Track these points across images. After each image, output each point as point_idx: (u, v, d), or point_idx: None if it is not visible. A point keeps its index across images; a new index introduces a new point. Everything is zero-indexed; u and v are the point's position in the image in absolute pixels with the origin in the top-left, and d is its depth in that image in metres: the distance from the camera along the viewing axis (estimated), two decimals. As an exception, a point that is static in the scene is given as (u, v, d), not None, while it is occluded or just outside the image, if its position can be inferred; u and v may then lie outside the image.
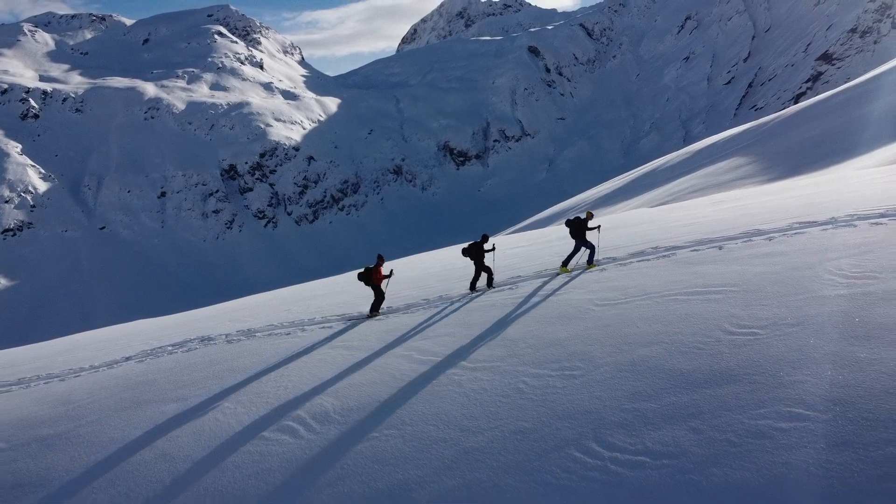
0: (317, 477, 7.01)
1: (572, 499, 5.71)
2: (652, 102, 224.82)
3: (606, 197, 61.32)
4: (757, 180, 38.27)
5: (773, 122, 61.96)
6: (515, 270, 15.21)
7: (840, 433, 5.57)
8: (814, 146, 42.67)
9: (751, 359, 7.23)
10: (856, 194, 14.23)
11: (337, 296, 16.33)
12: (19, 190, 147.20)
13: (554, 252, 16.31)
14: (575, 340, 8.97)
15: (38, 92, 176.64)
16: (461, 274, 16.14)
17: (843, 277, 9.04)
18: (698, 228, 14.82)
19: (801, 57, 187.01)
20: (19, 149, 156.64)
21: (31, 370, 14.35)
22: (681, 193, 42.78)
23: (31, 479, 8.31)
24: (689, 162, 61.11)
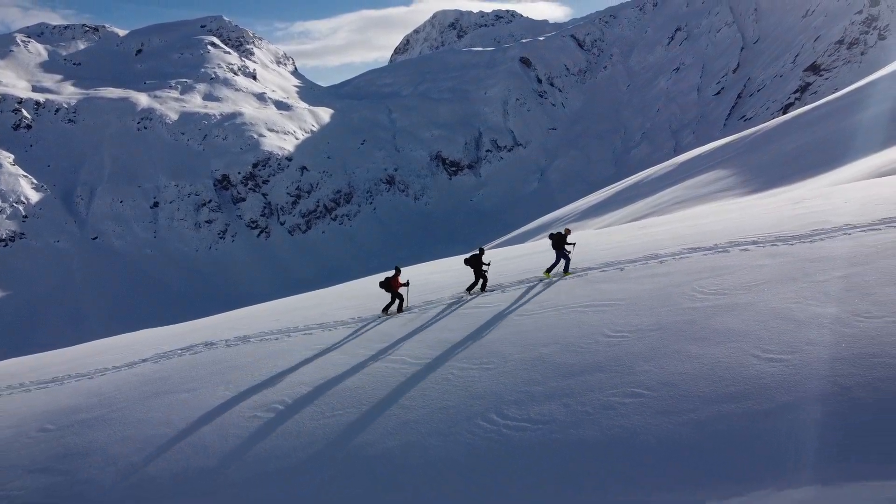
0: (293, 441, 9.48)
1: (475, 452, 8.11)
2: (642, 113, 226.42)
3: (590, 210, 61.93)
4: (735, 192, 38.76)
5: (754, 135, 62.72)
6: (495, 280, 17.28)
7: (663, 406, 7.82)
8: (792, 160, 43.24)
9: (616, 355, 9.53)
10: (744, 223, 16.00)
11: (316, 308, 18.48)
12: (11, 200, 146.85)
13: (522, 268, 18.32)
14: (495, 342, 11.41)
15: (31, 102, 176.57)
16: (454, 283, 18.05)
17: (702, 293, 11.26)
18: (611, 252, 16.95)
19: (790, 68, 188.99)
20: (11, 159, 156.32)
21: (61, 371, 16.39)
22: (662, 206, 43.23)
23: (77, 450, 10.71)
24: (673, 174, 61.81)
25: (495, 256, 21.95)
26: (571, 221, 58.07)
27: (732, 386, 7.67)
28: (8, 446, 11.31)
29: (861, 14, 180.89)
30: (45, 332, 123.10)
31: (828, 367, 7.47)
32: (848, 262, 10.83)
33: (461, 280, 17.41)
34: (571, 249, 15.97)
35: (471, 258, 15.96)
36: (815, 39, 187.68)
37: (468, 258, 16.07)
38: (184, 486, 9.00)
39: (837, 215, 13.80)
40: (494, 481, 7.51)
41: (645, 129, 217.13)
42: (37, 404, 13.52)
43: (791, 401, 7.03)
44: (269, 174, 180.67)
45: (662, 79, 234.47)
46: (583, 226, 51.88)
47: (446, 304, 15.32)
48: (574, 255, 16.60)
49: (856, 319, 8.49)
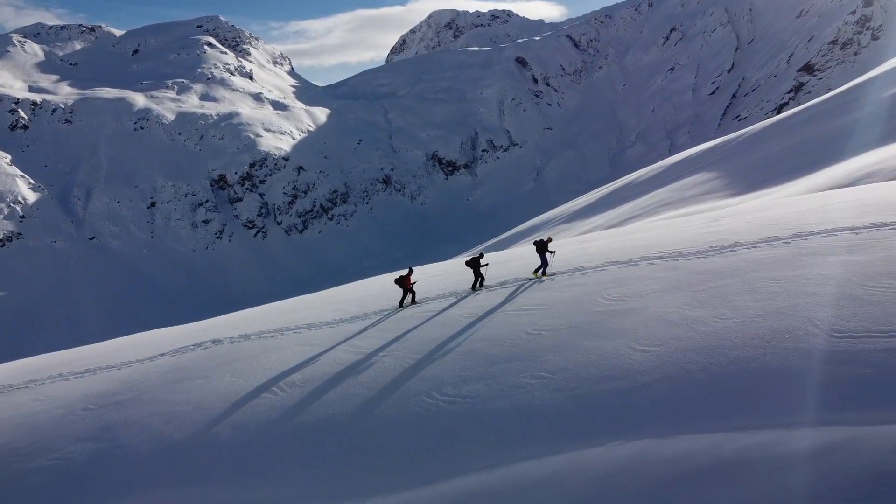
0: (284, 414, 11.92)
1: (421, 419, 10.47)
2: (637, 113, 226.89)
3: (579, 212, 62.52)
4: (719, 195, 39.71)
5: (741, 138, 63.25)
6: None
7: (558, 385, 10.11)
8: (775, 163, 43.94)
9: (531, 348, 11.84)
10: (663, 239, 18.16)
11: (305, 311, 20.77)
12: (8, 201, 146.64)
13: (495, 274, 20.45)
14: (442, 338, 13.78)
15: (28, 103, 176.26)
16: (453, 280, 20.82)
17: (606, 300, 13.42)
18: (552, 265, 18.86)
19: (784, 68, 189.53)
20: (8, 159, 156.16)
21: (92, 364, 18.65)
22: (650, 208, 43.99)
23: (116, 424, 13.11)
24: (661, 176, 62.45)
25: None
26: (561, 223, 58.58)
27: (610, 370, 10.02)
28: (60, 422, 13.84)
29: (854, 14, 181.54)
30: (44, 332, 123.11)
31: (680, 355, 9.82)
32: (724, 274, 13.00)
33: (462, 279, 19.62)
34: (552, 255, 17.92)
35: (471, 261, 17.96)
36: (808, 40, 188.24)
37: (468, 261, 18.07)
38: (200, 449, 11.37)
39: (734, 234, 15.99)
40: (434, 439, 9.92)
41: (640, 129, 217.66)
42: (77, 390, 16.05)
43: (648, 381, 9.42)
44: (265, 174, 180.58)
45: (658, 79, 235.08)
46: (572, 228, 52.42)
47: (452, 300, 17.42)
48: (521, 266, 19.07)
49: (713, 321, 10.75)
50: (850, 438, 7.17)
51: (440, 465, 9.13)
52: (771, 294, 11.04)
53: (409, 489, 8.80)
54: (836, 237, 13.04)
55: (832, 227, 13.79)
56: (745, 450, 7.43)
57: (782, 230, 14.68)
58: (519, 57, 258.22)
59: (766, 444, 7.43)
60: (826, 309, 9.87)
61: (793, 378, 8.43)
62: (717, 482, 7.17)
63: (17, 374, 18.71)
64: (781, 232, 14.56)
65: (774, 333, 9.57)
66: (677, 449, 7.81)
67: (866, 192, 17.35)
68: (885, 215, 13.55)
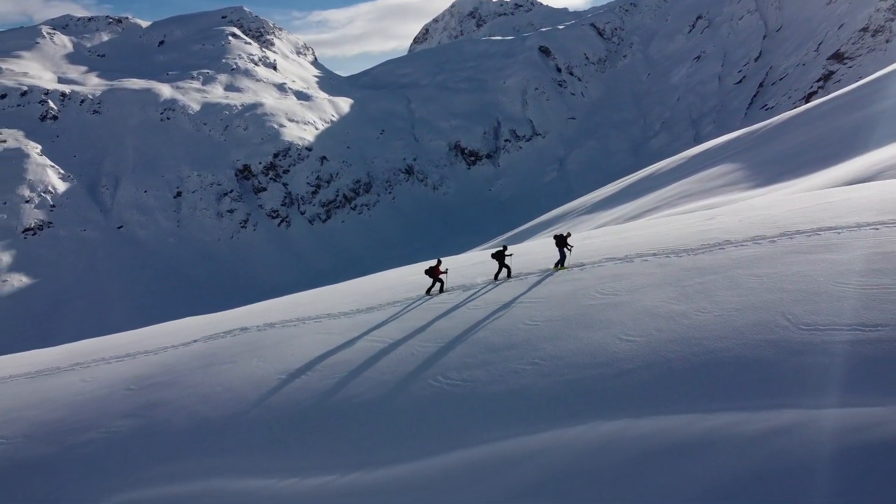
0: (308, 397, 13.05)
1: (427, 400, 11.59)
2: (662, 102, 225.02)
3: (600, 203, 62.85)
4: (740, 187, 39.93)
5: (764, 129, 63.04)
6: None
7: (550, 371, 11.21)
8: (796, 155, 43.99)
9: (528, 337, 12.92)
10: (660, 236, 19.11)
11: (324, 302, 22.04)
12: (39, 190, 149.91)
13: (481, 271, 21.87)
14: (448, 328, 14.88)
15: (57, 94, 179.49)
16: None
17: (600, 294, 14.39)
18: (553, 260, 19.91)
19: (813, 56, 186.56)
20: (39, 149, 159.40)
21: (130, 349, 20.05)
22: (670, 199, 44.28)
23: (155, 403, 14.43)
24: (683, 168, 62.53)
25: (468, 261, 25.56)
26: (582, 214, 59.05)
27: (597, 358, 11.02)
28: (105, 400, 15.27)
29: (886, 1, 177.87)
30: (72, 318, 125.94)
31: (662, 345, 10.76)
32: (710, 271, 13.82)
33: (485, 270, 20.82)
34: (570, 249, 18.79)
35: (496, 253, 19.00)
36: (839, 27, 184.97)
37: (494, 253, 19.18)
38: (229, 424, 12.66)
39: (725, 232, 16.76)
40: (437, 418, 11.00)
41: (664, 119, 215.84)
42: (119, 372, 17.47)
43: (630, 367, 10.41)
44: (289, 164, 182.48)
45: (683, 67, 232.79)
46: (593, 219, 52.90)
47: (475, 289, 18.67)
48: (528, 260, 20.07)
49: (695, 314, 11.66)
50: (805, 420, 8.11)
51: (442, 441, 10.24)
52: (750, 290, 11.90)
53: (415, 460, 9.92)
54: (818, 237, 13.80)
55: (817, 226, 14.55)
56: (711, 429, 8.40)
57: (770, 229, 15.45)
58: (542, 46, 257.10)
59: (731, 424, 8.39)
60: (799, 304, 10.71)
61: (761, 366, 9.32)
62: (684, 457, 8.16)
63: (64, 358, 20.16)
64: (769, 231, 15.35)
65: (748, 326, 10.45)
66: (651, 427, 8.77)
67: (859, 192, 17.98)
68: (867, 215, 14.29)
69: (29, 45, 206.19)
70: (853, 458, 7.35)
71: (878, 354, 8.88)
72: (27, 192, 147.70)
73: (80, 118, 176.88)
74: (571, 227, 52.00)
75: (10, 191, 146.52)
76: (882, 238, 12.64)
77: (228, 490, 10.57)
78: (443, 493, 9.00)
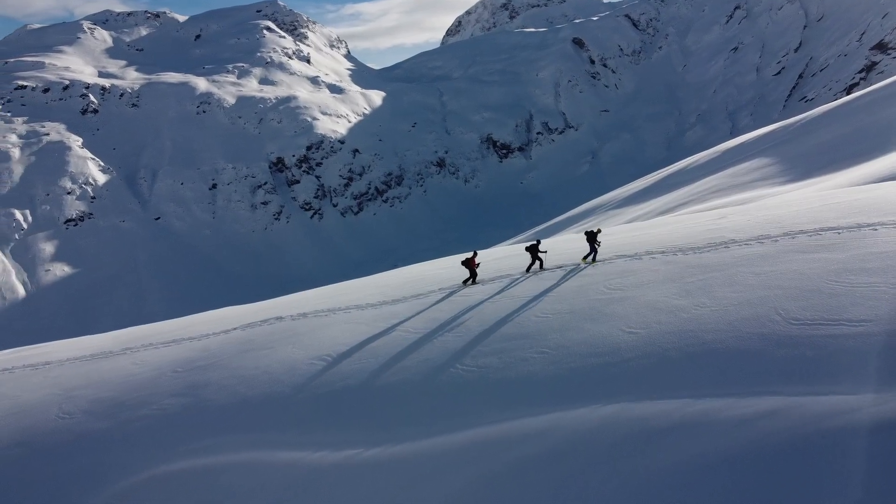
0: (335, 377, 14.37)
1: (444, 384, 12.67)
2: (697, 94, 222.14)
3: (631, 197, 62.84)
4: (773, 182, 39.87)
5: (799, 123, 62.21)
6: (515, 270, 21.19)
7: (556, 359, 12.19)
8: (829, 150, 43.67)
9: (538, 328, 13.88)
10: (670, 235, 19.92)
11: (352, 294, 23.34)
12: (80, 182, 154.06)
13: (499, 267, 22.92)
14: (467, 319, 16.02)
15: (97, 88, 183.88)
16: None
17: (607, 289, 15.32)
18: (566, 255, 21.13)
19: (855, 46, 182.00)
20: (80, 142, 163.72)
21: (175, 336, 21.53)
22: (702, 194, 44.31)
23: (199, 384, 15.79)
24: (716, 162, 62.13)
25: (493, 254, 26.86)
26: (612, 208, 59.20)
27: (600, 348, 11.98)
28: (154, 381, 16.69)
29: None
30: (111, 307, 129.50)
31: (660, 337, 11.66)
32: (712, 268, 14.59)
33: (517, 263, 21.92)
34: (600, 244, 19.61)
35: (530, 247, 20.02)
36: (883, 16, 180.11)
37: (528, 246, 20.22)
38: (266, 404, 13.98)
39: (732, 231, 17.42)
40: (452, 400, 12.06)
41: (700, 111, 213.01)
42: (166, 356, 18.89)
43: (630, 357, 11.35)
44: (322, 157, 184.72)
45: (719, 59, 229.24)
46: (623, 213, 53.10)
47: (504, 282, 19.73)
48: (557, 255, 20.85)
49: (693, 308, 12.51)
50: (785, 406, 8.93)
51: (456, 421, 11.28)
52: (747, 286, 12.65)
53: (431, 437, 10.99)
54: (819, 236, 14.42)
55: (819, 227, 15.15)
56: (700, 413, 9.26)
57: (775, 229, 16.10)
58: (576, 38, 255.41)
59: (718, 408, 9.23)
60: (791, 300, 11.44)
61: (749, 357, 10.13)
62: (674, 437, 9.03)
63: (114, 344, 21.76)
64: (773, 231, 15.99)
65: (742, 320, 11.24)
66: (645, 410, 9.65)
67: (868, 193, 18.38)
68: (869, 216, 14.83)
69: (71, 39, 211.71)
70: (828, 441, 8.14)
71: (859, 347, 9.61)
72: (69, 184, 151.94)
73: (119, 111, 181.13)
74: (602, 222, 52.37)
75: (53, 182, 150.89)
76: (879, 238, 13.24)
77: (266, 461, 11.74)
78: (456, 465, 9.99)
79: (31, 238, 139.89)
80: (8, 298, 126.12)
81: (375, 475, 10.50)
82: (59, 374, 18.72)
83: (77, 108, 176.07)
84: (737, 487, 7.95)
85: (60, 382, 17.76)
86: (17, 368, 20.15)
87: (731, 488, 7.95)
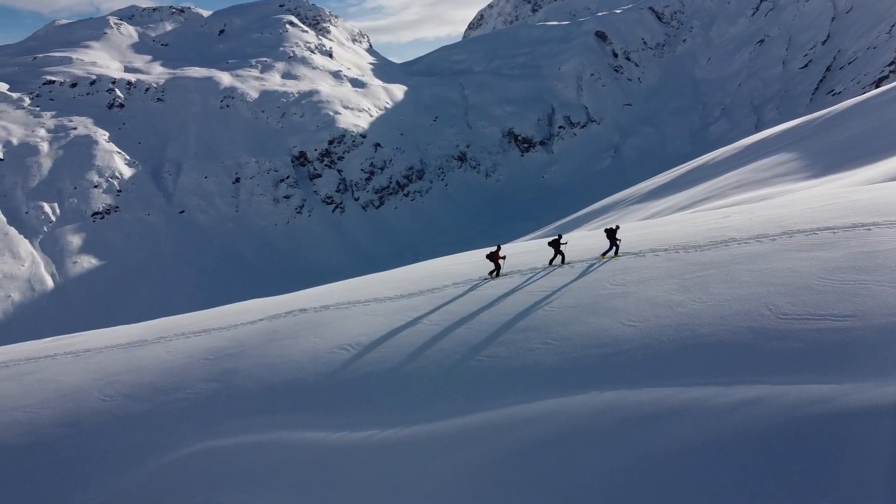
0: (356, 367, 15.16)
1: (454, 372, 13.55)
2: (722, 88, 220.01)
3: (651, 193, 63.04)
4: (795, 178, 39.98)
5: (824, 118, 61.89)
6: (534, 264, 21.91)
7: (559, 349, 13.01)
8: (854, 145, 43.60)
9: (544, 321, 14.66)
10: (673, 233, 20.59)
11: (370, 288, 24.31)
12: (107, 175, 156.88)
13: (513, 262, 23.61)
14: (478, 312, 16.77)
15: (123, 82, 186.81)
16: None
17: (611, 285, 16.11)
18: (575, 252, 21.70)
19: (885, 39, 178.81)
20: (107, 136, 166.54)
21: (205, 326, 22.61)
22: (723, 189, 44.48)
23: (229, 370, 16.79)
24: (738, 157, 62.06)
25: (512, 249, 27.27)
26: (633, 204, 59.53)
27: (601, 340, 12.78)
28: (187, 368, 17.72)
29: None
30: (138, 298, 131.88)
31: (657, 330, 12.45)
32: (711, 265, 15.33)
33: (540, 257, 22.77)
34: (620, 240, 20.35)
35: (553, 241, 20.79)
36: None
37: (550, 241, 20.97)
38: (292, 389, 14.91)
39: (734, 230, 18.06)
40: (462, 387, 12.88)
41: (724, 105, 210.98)
42: (197, 345, 19.99)
43: (628, 348, 12.19)
44: (343, 151, 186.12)
45: (745, 52, 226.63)
46: (643, 209, 53.42)
47: (525, 276, 20.58)
48: (578, 250, 21.67)
49: (690, 303, 13.29)
50: (770, 394, 9.67)
51: (465, 405, 12.17)
52: (742, 283, 13.35)
53: (442, 420, 11.89)
54: (815, 235, 15.05)
55: (817, 226, 15.77)
56: (690, 399, 10.03)
57: (774, 228, 16.72)
58: (598, 31, 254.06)
59: (707, 396, 10.00)
60: (782, 296, 12.14)
61: (739, 349, 10.87)
62: (667, 421, 9.81)
63: (149, 333, 23.00)
64: (772, 230, 16.63)
65: (734, 314, 11.97)
66: (641, 397, 10.44)
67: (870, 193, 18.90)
68: (866, 216, 15.43)
69: (97, 35, 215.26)
70: (808, 426, 8.88)
71: (842, 340, 10.32)
72: (96, 178, 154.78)
73: (144, 106, 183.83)
74: (621, 217, 52.77)
75: (81, 176, 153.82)
76: (872, 238, 13.86)
77: (289, 440, 12.75)
78: (464, 446, 10.87)
79: (59, 231, 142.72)
80: (37, 290, 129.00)
81: (390, 454, 11.40)
82: (99, 361, 19.72)
83: (104, 103, 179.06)
84: (724, 467, 8.70)
85: (100, 368, 18.81)
86: (59, 355, 21.27)
87: (720, 468, 8.71)
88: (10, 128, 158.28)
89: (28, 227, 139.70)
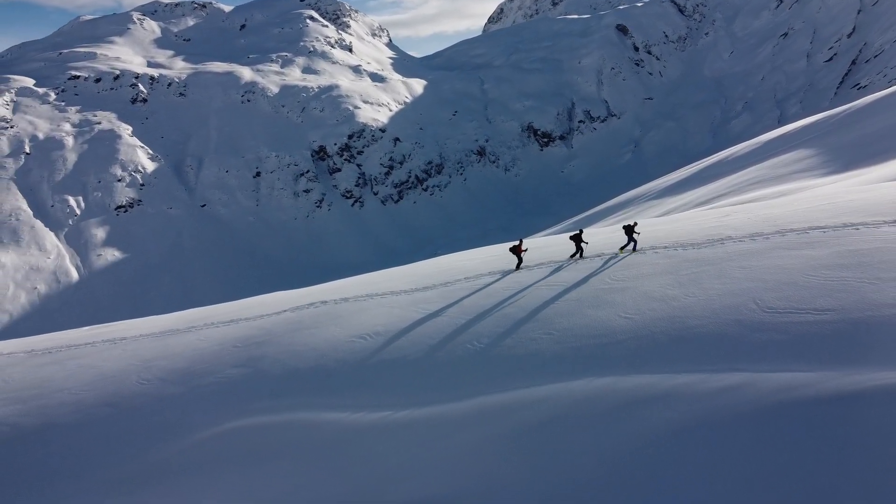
0: (372, 355, 16.20)
1: (461, 357, 14.68)
2: (744, 82, 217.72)
3: (669, 188, 63.25)
4: (814, 174, 40.13)
5: (844, 113, 61.56)
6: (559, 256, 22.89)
7: (559, 339, 13.98)
8: (875, 141, 43.48)
9: (547, 314, 15.58)
10: (675, 230, 21.47)
11: (391, 281, 25.40)
12: (130, 169, 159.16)
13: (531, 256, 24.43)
14: (485, 305, 17.69)
15: (146, 77, 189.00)
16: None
17: (611, 280, 16.96)
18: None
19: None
20: (130, 131, 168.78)
21: (234, 316, 23.86)
22: (741, 185, 44.65)
23: (256, 357, 17.92)
24: (758, 152, 61.95)
25: (532, 243, 27.77)
26: (651, 199, 59.83)
27: (598, 331, 13.77)
28: (218, 354, 18.92)
29: None
30: (160, 291, 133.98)
31: (651, 322, 13.34)
32: (706, 262, 16.12)
33: (560, 251, 23.57)
34: (638, 235, 21.14)
35: (573, 236, 21.59)
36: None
37: (571, 235, 21.79)
38: (314, 374, 16.04)
39: (732, 229, 18.84)
40: (469, 372, 13.94)
41: (747, 99, 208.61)
42: (227, 334, 21.16)
43: (623, 338, 13.19)
44: (363, 145, 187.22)
45: (768, 45, 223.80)
46: (661, 204, 53.79)
47: (545, 270, 21.35)
48: (564, 249, 22.86)
49: (683, 297, 14.17)
50: (751, 381, 10.60)
51: (472, 388, 13.23)
52: (733, 279, 14.25)
53: (451, 402, 12.94)
54: (807, 234, 15.89)
55: (809, 225, 16.59)
56: (677, 385, 10.99)
57: (769, 227, 17.54)
58: (619, 24, 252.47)
59: (693, 382, 10.95)
60: (769, 292, 13.04)
61: (725, 340, 11.81)
62: (656, 405, 10.77)
63: (180, 322, 24.38)
64: (767, 228, 17.46)
65: (723, 308, 12.89)
66: (633, 383, 11.41)
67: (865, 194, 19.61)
68: (856, 216, 16.20)
69: (121, 30, 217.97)
70: (787, 410, 9.81)
71: (822, 332, 11.22)
72: (119, 172, 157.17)
73: (167, 101, 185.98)
74: (639, 213, 53.21)
75: (105, 170, 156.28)
76: (859, 237, 14.69)
77: (312, 420, 13.88)
78: (470, 425, 11.92)
79: (84, 224, 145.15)
80: (62, 282, 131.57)
81: (404, 432, 12.49)
82: (136, 348, 20.97)
83: (127, 98, 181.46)
84: (708, 446, 9.63)
85: (137, 354, 20.05)
86: (97, 343, 22.63)
87: (704, 447, 9.65)
88: (37, 122, 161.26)
89: (53, 220, 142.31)
